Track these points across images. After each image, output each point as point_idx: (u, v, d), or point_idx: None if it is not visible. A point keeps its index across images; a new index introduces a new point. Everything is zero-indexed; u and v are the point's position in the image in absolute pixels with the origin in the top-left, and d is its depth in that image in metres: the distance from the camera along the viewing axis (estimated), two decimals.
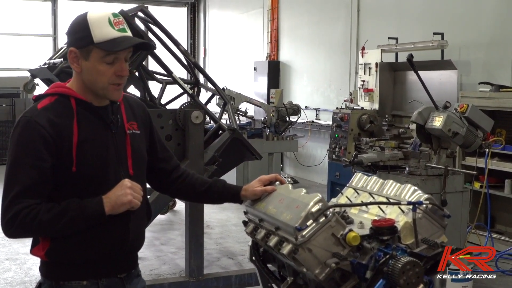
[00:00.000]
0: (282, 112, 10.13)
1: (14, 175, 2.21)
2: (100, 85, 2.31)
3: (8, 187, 2.20)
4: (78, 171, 2.26)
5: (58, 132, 2.24)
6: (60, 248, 2.30)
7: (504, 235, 6.89)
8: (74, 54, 2.32)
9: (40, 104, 2.31)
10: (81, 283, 2.34)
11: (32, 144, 2.22)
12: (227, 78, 14.47)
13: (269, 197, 2.49)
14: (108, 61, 2.28)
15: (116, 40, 2.27)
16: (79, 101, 2.33)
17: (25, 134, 2.23)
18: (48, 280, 2.38)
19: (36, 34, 17.29)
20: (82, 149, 2.27)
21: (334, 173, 8.18)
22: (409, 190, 2.45)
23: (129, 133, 2.44)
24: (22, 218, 2.16)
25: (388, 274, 2.04)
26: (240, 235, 7.19)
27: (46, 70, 5.76)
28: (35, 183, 2.20)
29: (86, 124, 2.32)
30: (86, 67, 2.30)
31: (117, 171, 2.36)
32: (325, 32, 11.44)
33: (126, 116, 2.46)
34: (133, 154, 2.43)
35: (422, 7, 8.87)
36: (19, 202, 2.17)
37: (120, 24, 2.30)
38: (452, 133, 5.29)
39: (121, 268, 2.44)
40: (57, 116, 2.27)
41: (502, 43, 7.43)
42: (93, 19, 2.28)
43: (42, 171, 2.21)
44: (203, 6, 18.01)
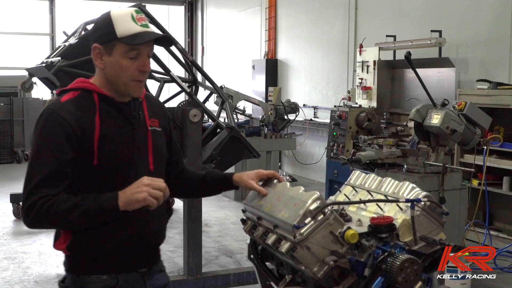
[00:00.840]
0: (280, 110, 10.13)
1: (34, 166, 2.26)
2: (122, 80, 2.35)
3: (28, 177, 2.25)
4: (99, 164, 2.29)
5: (80, 125, 2.28)
6: (80, 241, 2.33)
7: (503, 233, 6.90)
8: (98, 50, 2.35)
9: (64, 98, 2.36)
10: (101, 277, 2.37)
11: (53, 136, 2.26)
12: (225, 76, 14.45)
13: (267, 195, 2.49)
14: (131, 56, 2.32)
15: (139, 34, 2.31)
16: (102, 96, 2.37)
17: (47, 126, 2.28)
18: (70, 274, 2.42)
19: (34, 33, 17.26)
20: (103, 142, 2.30)
21: (332, 171, 8.18)
22: (407, 188, 2.45)
23: (151, 129, 2.48)
24: (38, 208, 2.19)
25: (387, 271, 2.04)
26: (239, 233, 7.19)
27: (43, 69, 5.76)
28: (54, 174, 2.23)
29: (108, 119, 2.35)
30: (109, 63, 2.34)
31: (138, 166, 2.39)
32: (323, 30, 11.44)
33: (148, 113, 2.50)
34: (154, 150, 2.47)
35: (420, 5, 8.87)
36: (37, 192, 2.20)
37: (143, 20, 2.35)
38: (450, 131, 5.29)
39: (141, 262, 2.46)
40: (80, 110, 2.31)
41: (500, 40, 7.43)
42: (116, 15, 2.33)
43: (62, 163, 2.24)
44: (200, 4, 17.99)
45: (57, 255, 6.58)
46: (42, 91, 12.54)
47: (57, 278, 5.94)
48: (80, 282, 2.38)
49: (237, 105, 10.11)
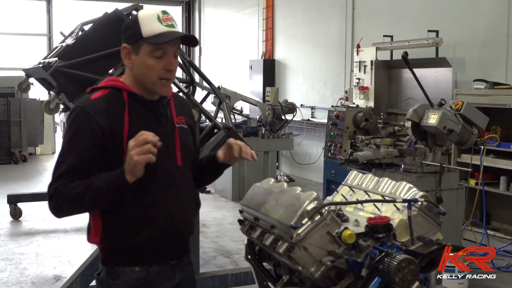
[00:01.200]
0: (277, 111, 10.13)
1: (62, 159, 2.37)
2: (149, 79, 2.43)
3: (55, 169, 2.38)
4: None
5: (109, 122, 2.38)
6: (111, 234, 2.43)
7: (500, 232, 6.91)
8: (126, 50, 2.45)
9: (94, 95, 2.45)
10: (133, 269, 2.46)
11: (80, 132, 2.37)
12: (222, 76, 14.45)
13: (264, 195, 2.49)
14: (157, 55, 2.40)
15: (163, 34, 2.39)
16: (131, 94, 2.47)
17: (75, 122, 2.39)
18: (104, 266, 2.52)
19: (31, 33, 17.25)
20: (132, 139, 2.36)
21: (329, 171, 8.19)
22: (404, 188, 2.46)
23: (178, 126, 2.57)
24: (57, 196, 2.32)
25: (384, 271, 2.04)
26: (236, 233, 7.18)
27: (41, 70, 5.76)
28: (74, 168, 2.34)
29: (137, 116, 2.44)
30: (136, 62, 2.43)
31: (166, 161, 2.47)
32: (320, 30, 11.44)
33: (175, 111, 2.59)
34: (182, 146, 2.56)
35: (417, 5, 8.88)
36: (57, 182, 2.34)
37: (169, 21, 2.44)
38: (447, 131, 5.29)
39: (171, 254, 2.55)
40: (109, 108, 2.41)
41: (497, 40, 7.44)
42: (143, 16, 2.43)
43: (84, 158, 2.35)
44: (198, 5, 18.00)
45: (54, 256, 6.63)
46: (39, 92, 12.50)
47: (55, 279, 5.97)
48: (114, 273, 2.47)
49: (234, 106, 10.10)
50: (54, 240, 7.32)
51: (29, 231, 7.82)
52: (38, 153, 15.20)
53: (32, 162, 14.03)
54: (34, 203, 8.68)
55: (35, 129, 14.08)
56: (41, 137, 14.54)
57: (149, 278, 2.48)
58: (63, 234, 7.62)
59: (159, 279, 2.51)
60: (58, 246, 7.06)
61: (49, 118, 14.95)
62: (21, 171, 12.70)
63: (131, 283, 2.46)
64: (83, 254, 6.22)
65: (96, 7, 16.53)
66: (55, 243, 7.18)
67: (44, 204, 8.82)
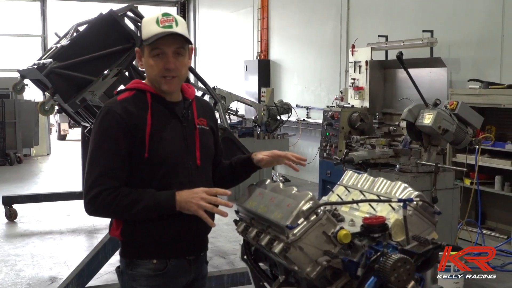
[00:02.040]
0: (273, 111, 10.14)
1: (95, 159, 2.47)
2: (153, 77, 2.57)
3: (90, 169, 2.46)
4: (150, 157, 2.50)
5: (134, 121, 2.49)
6: (132, 228, 2.54)
7: (495, 231, 6.93)
8: (138, 53, 2.63)
9: (120, 96, 2.59)
10: (151, 262, 2.57)
11: (110, 130, 2.48)
12: (217, 77, 14.45)
13: (260, 196, 2.49)
14: (155, 54, 2.52)
15: (156, 35, 2.48)
16: (154, 96, 2.59)
17: (104, 121, 2.50)
18: (124, 258, 2.63)
19: (26, 34, 17.21)
20: (154, 137, 2.51)
21: (325, 171, 8.20)
22: (399, 188, 2.46)
23: (199, 127, 2.68)
24: (103, 199, 2.42)
25: (379, 271, 2.04)
26: (232, 234, 7.19)
27: (35, 71, 5.74)
28: (114, 166, 2.46)
29: (159, 116, 2.56)
30: (144, 63, 2.60)
31: (186, 160, 2.59)
32: (315, 30, 11.45)
33: (196, 113, 2.70)
34: (201, 146, 2.66)
35: (412, 5, 8.89)
36: (100, 184, 2.42)
37: (167, 22, 2.52)
38: (442, 130, 5.31)
39: (189, 250, 2.65)
40: (134, 108, 2.53)
41: (491, 40, 7.46)
42: (145, 20, 2.59)
43: (120, 154, 2.47)
44: (193, 5, 17.99)
45: (50, 257, 6.61)
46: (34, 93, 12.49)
47: (50, 281, 5.96)
48: (132, 265, 2.59)
49: (229, 106, 10.10)
50: (49, 242, 7.31)
51: (24, 232, 7.80)
52: (33, 154, 15.18)
53: (27, 164, 13.99)
54: (29, 204, 8.67)
55: (30, 130, 14.05)
56: (36, 139, 14.51)
57: (166, 270, 2.58)
58: (59, 235, 7.60)
59: (176, 273, 2.61)
60: (53, 247, 7.04)
61: (44, 120, 14.91)
62: (16, 173, 12.67)
63: (149, 273, 2.57)
64: (79, 255, 6.22)
65: (90, 8, 16.52)
66: (51, 245, 7.16)
67: (39, 206, 8.84)
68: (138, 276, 2.58)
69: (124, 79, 5.65)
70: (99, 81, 5.60)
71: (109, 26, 5.65)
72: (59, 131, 20.01)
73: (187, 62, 2.63)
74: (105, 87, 5.64)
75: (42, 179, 12.06)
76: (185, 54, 2.58)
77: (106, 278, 5.71)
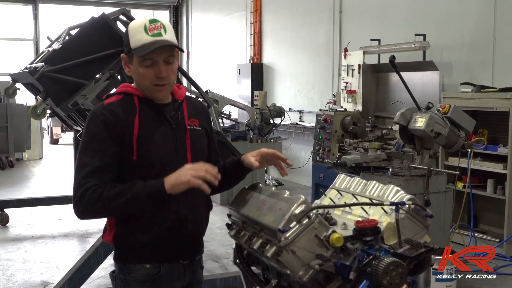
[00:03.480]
0: (265, 115, 10.14)
1: (82, 160, 2.45)
2: (144, 86, 2.53)
3: (77, 171, 2.44)
4: (138, 160, 2.48)
5: (121, 123, 2.47)
6: (124, 232, 2.52)
7: (487, 235, 6.94)
8: (124, 60, 2.58)
9: (107, 101, 2.56)
10: (144, 266, 2.54)
11: (97, 131, 2.46)
12: (210, 81, 14.45)
13: (252, 199, 2.49)
14: (146, 65, 2.48)
15: (146, 45, 2.44)
16: (142, 99, 2.56)
17: (92, 123, 2.49)
18: (117, 263, 2.61)
19: (18, 38, 17.15)
20: (142, 140, 2.48)
21: (318, 175, 8.20)
22: (392, 191, 2.46)
23: (189, 128, 2.64)
24: (89, 197, 2.37)
25: (372, 274, 2.04)
26: (225, 238, 7.17)
27: (27, 75, 5.72)
28: (99, 166, 2.42)
29: (147, 119, 2.53)
30: (133, 71, 2.55)
31: (176, 162, 2.52)
32: (308, 34, 11.46)
33: (187, 114, 2.66)
34: (192, 148, 2.62)
35: (404, 9, 8.92)
36: (86, 182, 2.39)
37: (156, 29, 2.48)
38: (435, 134, 5.31)
39: (183, 254, 2.61)
40: (121, 111, 2.50)
41: (483, 44, 7.49)
42: (131, 27, 2.53)
43: (107, 155, 2.44)
44: (185, 9, 17.99)
45: (41, 262, 6.58)
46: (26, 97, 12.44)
47: (42, 285, 5.92)
48: (125, 270, 2.56)
49: (222, 110, 10.09)
50: (41, 246, 7.27)
51: (16, 237, 7.76)
52: (25, 158, 15.11)
53: (19, 168, 13.94)
54: (21, 208, 8.63)
55: (22, 134, 13.98)
56: (28, 143, 14.45)
57: (159, 275, 2.55)
58: (51, 240, 7.57)
59: (170, 278, 2.58)
60: (45, 252, 7.01)
61: (36, 124, 14.85)
62: (8, 177, 12.61)
63: (142, 279, 2.54)
64: (71, 260, 6.19)
65: (83, 11, 16.49)
66: (43, 249, 7.13)
67: (31, 210, 8.80)
68: (130, 281, 2.55)
69: (116, 83, 5.63)
70: (91, 85, 5.59)
71: (101, 29, 5.64)
72: (51, 135, 19.95)
73: (176, 67, 2.60)
74: (97, 91, 5.62)
75: (34, 183, 12.01)
76: (174, 60, 2.55)
77: (98, 282, 5.69)
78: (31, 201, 8.66)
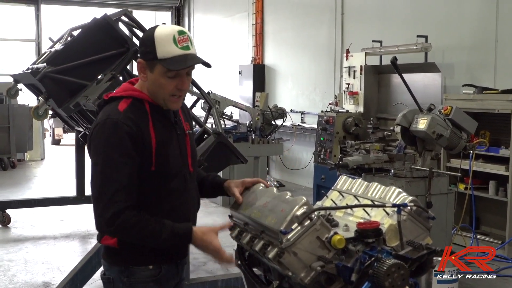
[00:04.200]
0: (267, 116, 10.13)
1: (109, 174, 2.36)
2: (161, 96, 2.49)
3: (104, 186, 2.36)
4: (156, 170, 2.47)
5: (141, 133, 2.44)
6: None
7: (489, 236, 6.93)
8: (142, 65, 2.49)
9: (121, 107, 2.47)
10: (148, 267, 2.56)
11: (122, 143, 2.39)
12: (212, 82, 14.42)
13: (254, 200, 2.49)
14: (170, 76, 2.45)
15: (177, 58, 2.42)
16: (152, 105, 2.53)
17: (114, 135, 2.39)
18: (117, 266, 2.57)
19: (20, 39, 17.16)
20: (159, 150, 2.47)
21: (319, 176, 8.19)
22: (393, 193, 2.46)
23: (188, 133, 2.67)
24: (124, 220, 2.35)
25: (374, 276, 2.04)
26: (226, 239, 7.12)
27: (29, 75, 5.72)
28: (129, 180, 2.38)
29: (159, 127, 2.52)
30: (150, 78, 2.48)
31: (183, 169, 2.58)
32: (309, 35, 11.46)
33: (183, 118, 2.68)
34: (192, 152, 2.67)
35: (406, 10, 8.92)
36: (118, 201, 2.34)
37: (184, 42, 2.46)
38: (437, 135, 5.31)
39: (179, 254, 2.68)
40: (138, 119, 2.46)
41: (485, 45, 7.48)
42: (159, 36, 2.43)
43: (134, 168, 2.40)
44: (187, 10, 17.99)
45: (43, 262, 6.58)
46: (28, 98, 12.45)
47: (44, 286, 5.92)
48: (128, 272, 2.55)
49: (224, 111, 10.09)
50: (43, 247, 7.27)
51: (18, 237, 7.76)
52: (27, 159, 15.11)
53: (21, 169, 13.94)
54: (23, 209, 8.63)
55: (24, 135, 13.98)
56: (30, 143, 14.44)
57: (160, 275, 2.59)
58: (52, 240, 7.57)
59: (167, 277, 2.63)
60: (47, 252, 7.01)
61: (38, 124, 14.85)
62: (10, 178, 12.61)
63: (145, 279, 2.56)
64: (72, 260, 6.19)
65: (85, 12, 16.50)
66: (44, 250, 7.13)
67: (33, 211, 8.81)
68: (135, 283, 2.56)
69: (118, 84, 5.62)
70: (93, 86, 5.58)
71: (103, 30, 5.63)
72: (53, 136, 19.95)
73: None
74: (99, 92, 5.62)
75: (36, 184, 12.01)
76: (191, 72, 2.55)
77: (100, 283, 5.64)
78: (33, 202, 8.66)
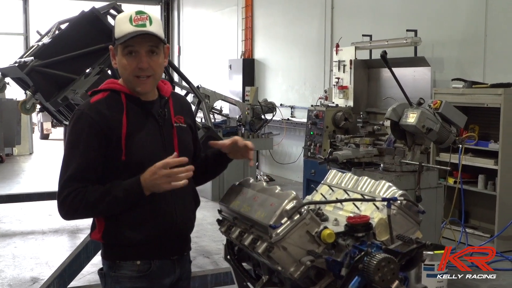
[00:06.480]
0: (257, 110, 10.12)
1: (67, 162, 2.45)
2: (125, 77, 2.52)
3: (62, 172, 2.45)
4: (127, 159, 2.46)
5: (108, 124, 2.45)
6: (113, 230, 2.52)
7: (478, 230, 6.96)
8: (112, 52, 2.56)
9: (93, 99, 2.54)
10: (135, 263, 2.55)
11: (83, 133, 2.44)
12: (201, 76, 14.41)
13: (243, 195, 2.48)
14: (127, 52, 2.46)
15: (129, 34, 2.43)
16: (129, 96, 2.54)
17: (77, 125, 2.47)
18: (106, 260, 2.60)
19: (7, 32, 17.03)
20: (130, 139, 2.47)
21: (309, 171, 8.19)
22: (383, 187, 2.45)
23: (176, 125, 2.63)
24: (71, 200, 2.39)
25: (363, 271, 2.03)
26: (216, 234, 7.15)
27: (16, 69, 5.67)
28: (83, 169, 2.42)
29: (135, 117, 2.52)
30: (117, 62, 2.53)
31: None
32: (299, 29, 11.45)
33: (173, 110, 2.65)
34: (180, 145, 2.61)
35: (396, 5, 8.92)
36: (69, 186, 2.40)
37: (140, 20, 2.46)
38: (426, 129, 5.32)
39: (172, 250, 2.62)
40: (108, 109, 2.48)
41: (475, 40, 7.50)
42: (118, 18, 2.53)
43: (91, 158, 2.44)
44: (177, 4, 17.92)
45: (31, 257, 6.54)
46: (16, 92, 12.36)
47: (32, 282, 5.89)
48: (116, 267, 2.56)
49: (214, 105, 10.07)
50: (31, 242, 7.23)
51: (5, 232, 7.71)
52: (15, 154, 15.03)
53: (9, 163, 13.86)
54: (11, 204, 8.57)
55: (12, 129, 13.90)
56: (18, 138, 14.36)
57: (150, 271, 2.56)
58: (41, 235, 7.53)
59: (160, 273, 2.59)
60: (35, 247, 6.97)
61: (26, 119, 14.77)
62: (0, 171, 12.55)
63: (133, 275, 2.55)
64: (61, 255, 6.15)
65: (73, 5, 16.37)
66: (33, 245, 7.09)
67: (21, 205, 8.75)
68: (121, 278, 2.55)
69: (106, 78, 5.58)
70: (81, 80, 5.54)
71: (92, 24, 5.59)
72: (41, 130, 19.84)
73: (162, 62, 2.55)
74: (87, 86, 5.57)
75: (25, 179, 11.95)
76: (160, 53, 2.51)
77: (89, 278, 5.66)
78: (21, 197, 8.60)
